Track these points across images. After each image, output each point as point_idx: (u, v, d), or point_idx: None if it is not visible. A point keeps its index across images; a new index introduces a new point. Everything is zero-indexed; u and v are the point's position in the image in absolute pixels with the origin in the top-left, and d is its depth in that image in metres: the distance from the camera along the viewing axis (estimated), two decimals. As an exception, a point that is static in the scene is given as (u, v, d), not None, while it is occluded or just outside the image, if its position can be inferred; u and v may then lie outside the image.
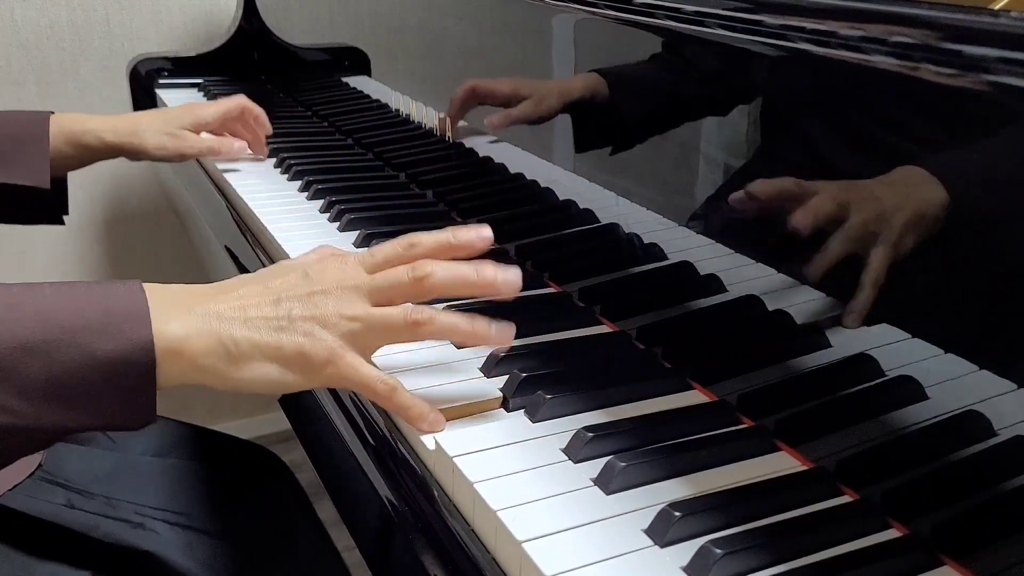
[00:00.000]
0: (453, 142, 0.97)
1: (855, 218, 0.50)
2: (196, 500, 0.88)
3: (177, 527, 0.83)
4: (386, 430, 0.60)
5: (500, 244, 0.86)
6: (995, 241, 0.45)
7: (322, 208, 0.97)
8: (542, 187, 0.82)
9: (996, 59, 0.41)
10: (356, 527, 0.62)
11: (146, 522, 0.80)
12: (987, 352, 0.46)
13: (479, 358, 0.64)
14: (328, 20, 1.29)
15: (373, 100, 1.18)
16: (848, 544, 0.47)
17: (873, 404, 0.52)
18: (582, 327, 0.70)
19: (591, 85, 0.71)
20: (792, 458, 0.54)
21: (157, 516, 0.83)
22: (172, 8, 1.63)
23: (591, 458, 0.53)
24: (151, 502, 0.82)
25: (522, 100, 0.79)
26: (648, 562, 0.46)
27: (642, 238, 0.70)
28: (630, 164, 0.71)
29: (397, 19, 1.07)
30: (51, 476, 0.78)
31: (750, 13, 0.55)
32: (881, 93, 0.49)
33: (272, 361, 0.52)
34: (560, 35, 0.75)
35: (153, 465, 0.89)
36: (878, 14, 0.47)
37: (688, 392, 0.61)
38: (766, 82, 0.57)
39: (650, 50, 0.66)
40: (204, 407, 1.82)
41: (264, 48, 1.57)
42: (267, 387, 0.53)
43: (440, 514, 0.53)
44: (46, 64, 1.55)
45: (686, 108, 0.64)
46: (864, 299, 0.51)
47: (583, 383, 0.60)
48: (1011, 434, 0.45)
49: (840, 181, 0.52)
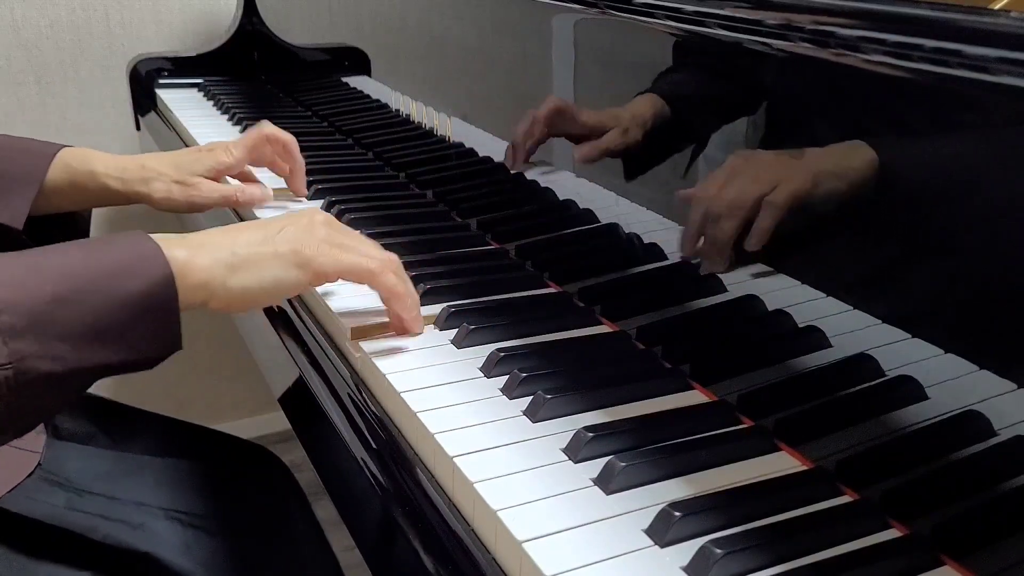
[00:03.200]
0: (452, 142, 0.97)
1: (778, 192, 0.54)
2: (195, 500, 0.88)
3: (176, 526, 0.83)
4: (386, 430, 0.61)
5: (500, 244, 0.86)
6: (996, 241, 0.45)
7: (322, 208, 0.97)
8: (542, 187, 0.82)
9: (996, 59, 0.41)
10: (356, 527, 0.62)
11: (146, 521, 0.80)
12: (987, 352, 0.46)
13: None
14: (328, 20, 1.29)
15: (373, 100, 1.18)
16: (848, 544, 0.47)
17: (873, 404, 0.52)
18: (582, 327, 0.70)
19: (657, 107, 0.67)
20: (792, 458, 0.54)
21: (157, 516, 0.83)
22: (172, 8, 1.63)
23: (591, 458, 0.53)
24: (151, 502, 0.82)
25: (600, 129, 0.72)
26: (648, 562, 0.46)
27: (642, 238, 0.70)
28: (630, 164, 0.71)
29: (397, 19, 1.07)
30: (51, 476, 0.78)
31: (750, 13, 0.55)
32: (880, 93, 0.49)
33: (269, 261, 0.59)
34: (560, 35, 0.75)
35: (153, 465, 0.89)
36: (878, 14, 0.47)
37: (688, 392, 0.61)
38: (766, 82, 0.57)
39: (653, 52, 0.66)
40: (204, 407, 1.82)
41: (264, 48, 1.57)
42: (265, 292, 0.60)
43: (440, 514, 0.53)
44: (46, 64, 1.55)
45: (708, 112, 0.64)
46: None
47: (583, 383, 0.60)
48: (1011, 434, 0.45)
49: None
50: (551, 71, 0.77)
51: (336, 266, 0.62)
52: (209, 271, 0.57)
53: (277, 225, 0.62)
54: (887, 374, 0.52)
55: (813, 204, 0.53)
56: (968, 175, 0.46)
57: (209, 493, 0.89)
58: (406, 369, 0.63)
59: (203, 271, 0.57)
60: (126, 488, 0.82)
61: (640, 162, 0.69)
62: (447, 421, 0.57)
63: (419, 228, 0.90)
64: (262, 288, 0.60)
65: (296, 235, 0.61)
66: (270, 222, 0.63)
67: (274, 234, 0.61)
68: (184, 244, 0.57)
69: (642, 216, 0.69)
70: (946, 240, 0.47)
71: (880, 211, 0.50)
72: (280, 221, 0.63)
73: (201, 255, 0.57)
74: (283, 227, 0.62)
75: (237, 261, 0.58)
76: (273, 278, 0.60)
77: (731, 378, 0.60)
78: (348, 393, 0.66)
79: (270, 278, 0.60)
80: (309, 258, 0.61)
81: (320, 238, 0.62)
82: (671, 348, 0.65)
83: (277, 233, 0.61)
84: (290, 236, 0.61)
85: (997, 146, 0.44)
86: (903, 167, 0.49)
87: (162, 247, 0.55)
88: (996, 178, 0.44)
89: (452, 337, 0.68)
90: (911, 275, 0.49)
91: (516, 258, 0.84)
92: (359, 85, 1.21)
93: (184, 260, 0.56)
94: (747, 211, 0.56)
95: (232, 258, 0.58)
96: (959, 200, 0.46)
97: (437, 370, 0.63)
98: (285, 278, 0.60)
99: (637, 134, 0.68)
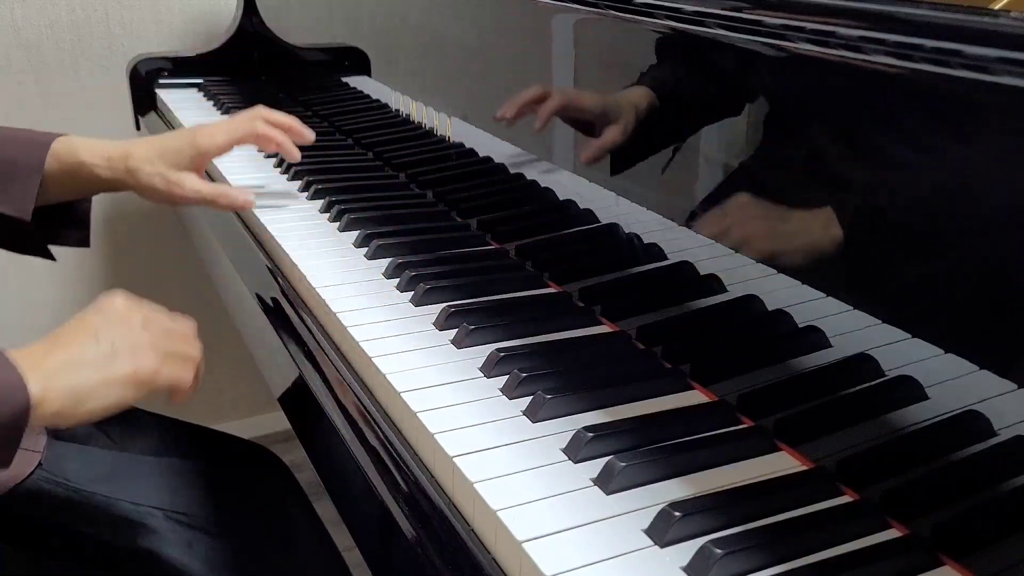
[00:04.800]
0: (453, 142, 0.97)
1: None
2: (196, 499, 0.88)
3: (177, 526, 0.83)
4: (386, 430, 0.61)
5: (500, 244, 0.86)
6: (996, 241, 0.44)
7: (322, 208, 0.97)
8: (542, 187, 0.82)
9: (996, 59, 0.41)
10: (356, 527, 0.62)
11: (146, 521, 0.80)
12: (987, 352, 0.46)
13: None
14: (328, 20, 1.29)
15: (373, 100, 1.18)
16: (848, 544, 0.47)
17: (873, 404, 0.52)
18: (582, 327, 0.70)
19: (649, 99, 0.67)
20: (792, 458, 0.54)
21: (157, 515, 0.83)
22: (172, 8, 1.63)
23: (591, 458, 0.53)
24: (151, 501, 0.82)
25: (602, 123, 0.72)
26: (648, 562, 0.46)
27: (642, 238, 0.70)
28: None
29: (397, 19, 1.07)
30: (51, 475, 0.78)
31: (750, 13, 0.55)
32: (880, 93, 0.49)
33: (112, 388, 0.63)
34: (560, 35, 0.75)
35: (153, 464, 0.89)
36: (878, 14, 0.47)
37: (688, 392, 0.61)
38: (767, 82, 0.57)
39: (653, 50, 0.66)
40: (204, 407, 1.82)
41: (264, 48, 1.57)
42: (110, 411, 0.64)
43: (440, 514, 0.53)
44: (46, 64, 1.55)
45: (698, 111, 0.64)
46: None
47: (583, 383, 0.60)
48: (1011, 434, 0.45)
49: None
50: (551, 71, 0.77)
51: (167, 380, 0.67)
52: (61, 402, 0.61)
53: (106, 337, 0.65)
54: (887, 374, 0.52)
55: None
56: (968, 175, 0.45)
57: (209, 493, 0.89)
58: (406, 369, 0.63)
59: (56, 402, 0.60)
60: (126, 488, 0.82)
61: (629, 156, 0.69)
62: (447, 421, 0.57)
63: (419, 228, 0.90)
64: (106, 409, 0.64)
65: (130, 352, 0.65)
66: (99, 333, 0.65)
67: (110, 355, 0.64)
68: (39, 373, 0.60)
69: (642, 216, 0.69)
70: (946, 240, 0.47)
71: (880, 211, 0.50)
72: (107, 330, 0.66)
73: (54, 385, 0.60)
74: (112, 341, 0.65)
75: (84, 393, 0.62)
76: (116, 400, 0.64)
77: (731, 378, 0.60)
78: (348, 393, 0.66)
79: (114, 401, 0.64)
80: (144, 380, 0.66)
81: (147, 346, 0.66)
82: (671, 348, 0.65)
83: (112, 355, 0.64)
84: (125, 355, 0.65)
85: (997, 146, 0.44)
86: (903, 167, 0.49)
87: (23, 377, 0.58)
88: (996, 178, 0.44)
89: (452, 337, 0.68)
90: (911, 275, 0.49)
91: (516, 258, 0.84)
92: (359, 85, 1.21)
93: (39, 395, 0.59)
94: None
95: (78, 389, 0.62)
96: (959, 200, 0.46)
97: (437, 370, 0.63)
98: (126, 397, 0.65)
99: (633, 126, 0.69)
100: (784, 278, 0.57)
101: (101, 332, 0.65)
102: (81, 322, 0.66)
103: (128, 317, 0.68)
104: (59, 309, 1.66)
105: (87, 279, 1.69)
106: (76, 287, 1.68)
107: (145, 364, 0.65)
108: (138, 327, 0.67)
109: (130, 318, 0.68)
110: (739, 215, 0.60)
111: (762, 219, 0.58)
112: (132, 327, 0.67)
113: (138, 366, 0.65)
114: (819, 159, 0.54)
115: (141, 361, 0.65)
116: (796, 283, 0.56)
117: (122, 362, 0.64)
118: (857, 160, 0.51)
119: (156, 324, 0.69)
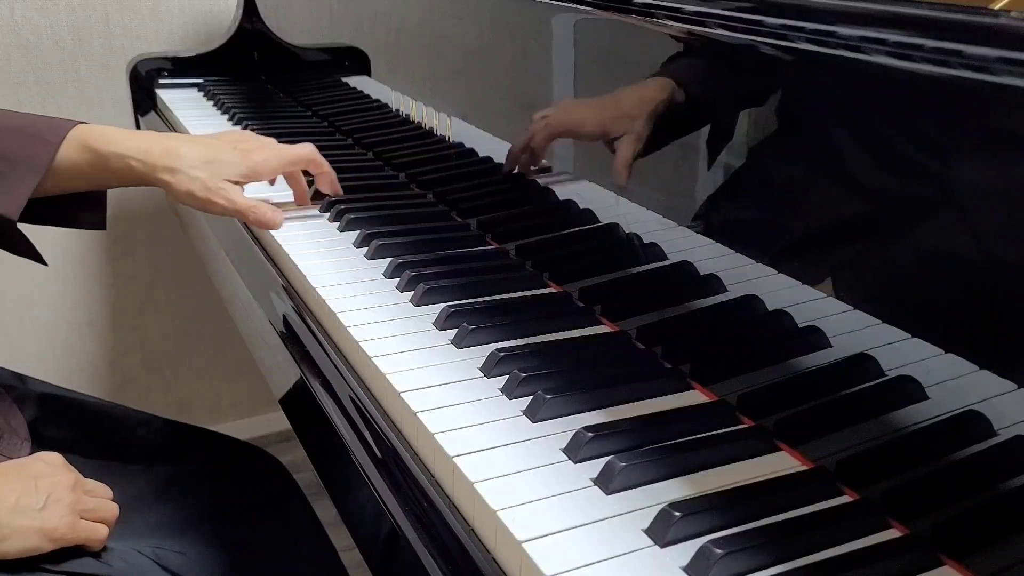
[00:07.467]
0: (452, 142, 0.97)
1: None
2: (195, 500, 0.88)
3: (175, 526, 0.83)
4: (387, 430, 0.61)
5: (500, 244, 0.86)
6: (996, 241, 0.45)
7: (322, 208, 0.97)
8: (542, 187, 0.82)
9: (996, 59, 0.41)
10: (356, 527, 0.62)
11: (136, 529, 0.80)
12: (987, 352, 0.46)
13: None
14: (328, 20, 1.29)
15: (373, 100, 1.18)
16: (848, 544, 0.47)
17: (873, 404, 0.52)
18: (582, 327, 0.70)
19: (650, 100, 0.66)
20: (792, 458, 0.54)
21: (156, 515, 0.83)
22: (172, 8, 1.63)
23: (591, 458, 0.53)
24: (136, 510, 0.82)
25: (605, 134, 0.71)
26: (648, 562, 0.46)
27: (642, 238, 0.70)
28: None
29: (397, 19, 1.07)
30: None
31: (750, 13, 0.55)
32: (881, 92, 0.49)
33: (28, 538, 0.68)
34: (560, 35, 0.75)
35: (140, 472, 0.89)
36: (878, 14, 0.47)
37: (688, 392, 0.61)
38: (768, 82, 0.57)
39: (653, 52, 0.66)
40: (204, 407, 1.82)
41: (264, 48, 1.57)
42: (23, 555, 0.68)
43: (440, 514, 0.53)
44: (46, 64, 1.55)
45: (698, 111, 0.64)
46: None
47: (583, 383, 0.60)
48: (1011, 434, 0.45)
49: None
50: (551, 71, 0.77)
51: (76, 537, 0.71)
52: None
53: (44, 487, 0.70)
54: (887, 374, 0.52)
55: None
56: (969, 175, 0.46)
57: (208, 494, 0.89)
58: (406, 369, 0.63)
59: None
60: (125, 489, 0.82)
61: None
62: (447, 421, 0.57)
63: (419, 228, 0.90)
64: (19, 553, 0.67)
65: (59, 508, 0.69)
66: (38, 481, 0.70)
67: (43, 506, 0.69)
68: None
69: (642, 216, 0.69)
70: (946, 240, 0.47)
71: (880, 211, 0.50)
72: (45, 481, 0.70)
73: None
74: (48, 493, 0.69)
75: (5, 533, 0.66)
76: (32, 548, 0.68)
77: (731, 378, 0.60)
78: (348, 394, 0.66)
79: (28, 548, 0.68)
80: (59, 539, 0.69)
81: (68, 505, 0.70)
82: (671, 348, 0.65)
83: (44, 507, 0.69)
84: (53, 508, 0.69)
85: (998, 146, 0.44)
86: (903, 167, 0.49)
87: None
88: (996, 178, 0.44)
89: (452, 337, 0.68)
90: (911, 275, 0.49)
91: (516, 258, 0.84)
92: (359, 85, 1.21)
93: None
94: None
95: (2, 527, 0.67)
96: (959, 200, 0.46)
97: (437, 370, 0.63)
98: (40, 548, 0.69)
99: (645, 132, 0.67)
100: (784, 278, 0.57)
101: (40, 481, 0.70)
102: (23, 469, 0.71)
103: (66, 476, 0.72)
104: (59, 309, 1.66)
105: (87, 279, 1.69)
106: (76, 287, 1.67)
107: (58, 523, 0.69)
108: (68, 487, 0.71)
109: (66, 477, 0.72)
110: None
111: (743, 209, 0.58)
112: (65, 486, 0.71)
113: (53, 526, 0.69)
114: (819, 159, 0.54)
115: (55, 519, 0.69)
116: (796, 283, 0.56)
117: (50, 515, 0.69)
118: (857, 160, 0.51)
119: (81, 486, 0.73)
